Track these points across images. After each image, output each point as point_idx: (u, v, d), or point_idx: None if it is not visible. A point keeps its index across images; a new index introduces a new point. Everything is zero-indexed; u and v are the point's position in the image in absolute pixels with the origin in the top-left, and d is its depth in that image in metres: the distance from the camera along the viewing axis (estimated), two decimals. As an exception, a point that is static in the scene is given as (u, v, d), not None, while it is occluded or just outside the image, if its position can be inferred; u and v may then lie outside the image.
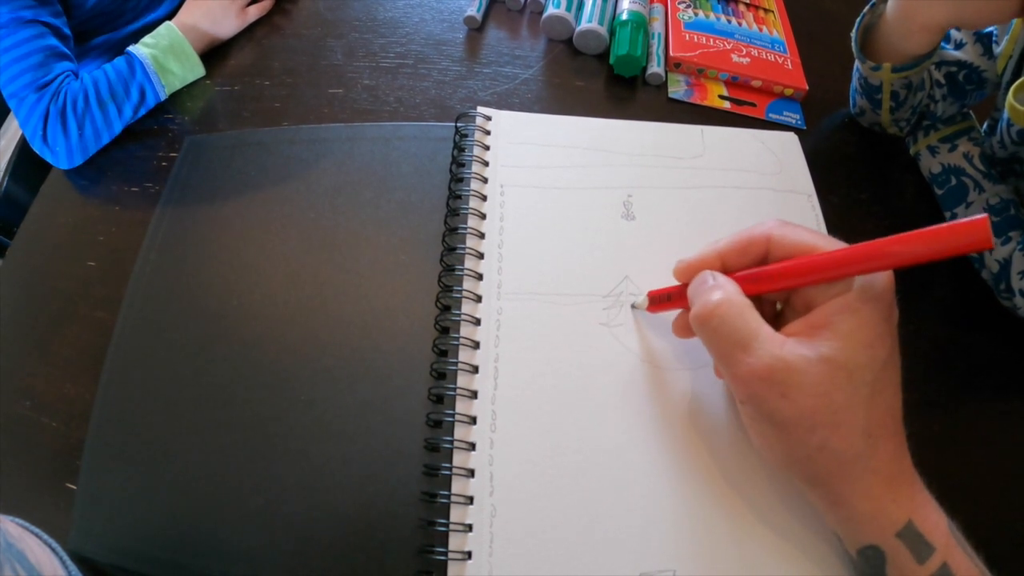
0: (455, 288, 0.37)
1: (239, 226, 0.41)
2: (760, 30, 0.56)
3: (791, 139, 0.46)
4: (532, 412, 0.33)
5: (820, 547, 0.30)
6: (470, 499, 0.31)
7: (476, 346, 0.35)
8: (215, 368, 0.36)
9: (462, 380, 0.34)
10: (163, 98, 0.49)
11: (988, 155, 0.45)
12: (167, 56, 0.49)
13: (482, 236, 0.39)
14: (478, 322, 0.36)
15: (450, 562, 0.29)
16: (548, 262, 0.38)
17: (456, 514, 0.31)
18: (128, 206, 0.44)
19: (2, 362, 0.38)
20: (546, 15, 0.52)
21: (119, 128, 0.47)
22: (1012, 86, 0.37)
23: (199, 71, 0.51)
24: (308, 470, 0.33)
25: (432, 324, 0.36)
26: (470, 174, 0.41)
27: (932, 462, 0.27)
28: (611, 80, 0.52)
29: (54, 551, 0.28)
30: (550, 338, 0.35)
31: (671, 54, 0.52)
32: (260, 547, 0.31)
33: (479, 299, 0.37)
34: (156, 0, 0.62)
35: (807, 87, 0.51)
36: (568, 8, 0.52)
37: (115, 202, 0.44)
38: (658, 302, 0.34)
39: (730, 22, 0.56)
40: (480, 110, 0.45)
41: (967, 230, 0.22)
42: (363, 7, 0.57)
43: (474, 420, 0.33)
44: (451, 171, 0.42)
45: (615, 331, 0.36)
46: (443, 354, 0.35)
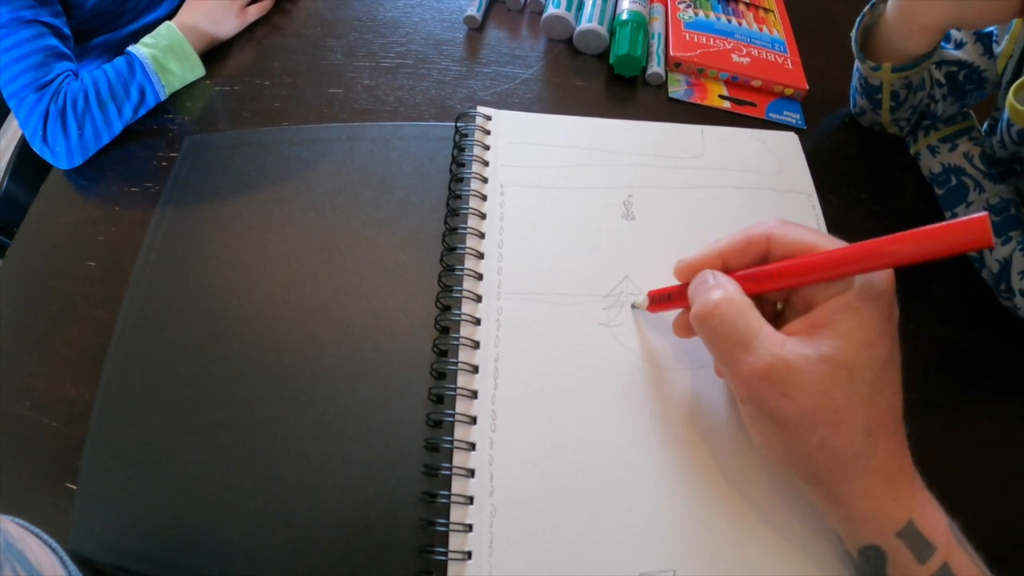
0: (455, 288, 0.37)
1: (239, 226, 0.41)
2: (760, 30, 0.56)
3: (791, 139, 0.46)
4: (532, 412, 0.33)
5: (820, 547, 0.30)
6: (470, 499, 0.31)
7: (476, 346, 0.35)
8: (215, 368, 0.36)
9: (462, 380, 0.34)
10: (163, 98, 0.49)
11: (988, 155, 0.45)
12: (167, 56, 0.49)
13: (482, 236, 0.39)
14: (478, 322, 0.36)
15: (450, 562, 0.29)
16: (548, 262, 0.38)
17: (456, 514, 0.31)
18: (128, 206, 0.44)
19: (2, 362, 0.38)
20: (546, 15, 0.52)
21: (119, 128, 0.47)
22: (1012, 86, 0.37)
23: (199, 71, 0.51)
24: (308, 470, 0.33)
25: (432, 324, 0.36)
26: (470, 174, 0.41)
27: (932, 462, 0.27)
28: (611, 80, 0.52)
29: (54, 551, 0.28)
30: (550, 338, 0.35)
31: (671, 54, 0.52)
32: (260, 547, 0.31)
33: (479, 299, 0.37)
34: (156, 0, 0.62)
35: (807, 87, 0.51)
36: (568, 8, 0.52)
37: (115, 202, 0.44)
38: (658, 302, 0.34)
39: (730, 22, 0.56)
40: (480, 110, 0.45)
41: (967, 229, 0.22)
42: (363, 7, 0.57)
43: (474, 420, 0.33)
44: (451, 171, 0.42)
45: (615, 331, 0.36)
46: (443, 354, 0.35)
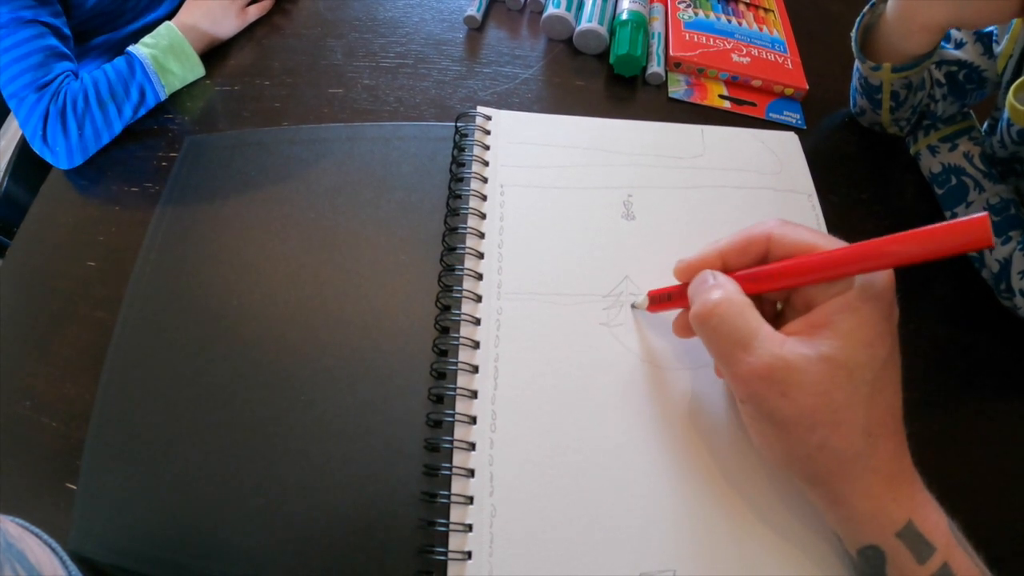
0: (455, 288, 0.37)
1: (239, 226, 0.41)
2: (760, 30, 0.56)
3: (791, 139, 0.46)
4: (532, 412, 0.33)
5: (820, 547, 0.30)
6: (470, 499, 0.31)
7: (476, 346, 0.35)
8: (215, 368, 0.36)
9: (462, 380, 0.34)
10: (163, 98, 0.49)
11: (988, 155, 0.45)
12: (167, 56, 0.49)
13: (482, 236, 0.39)
14: (478, 322, 0.36)
15: (450, 562, 0.29)
16: (548, 262, 0.38)
17: (456, 514, 0.31)
18: (128, 206, 0.44)
19: (2, 362, 0.38)
20: (546, 15, 0.52)
21: (119, 128, 0.47)
22: (1012, 85, 0.37)
23: (199, 71, 0.51)
24: (308, 470, 0.33)
25: (432, 324, 0.36)
26: (470, 174, 0.41)
27: (932, 462, 0.27)
28: (611, 80, 0.52)
29: (54, 551, 0.28)
30: (550, 338, 0.35)
31: (671, 54, 0.52)
32: (260, 547, 0.31)
33: (479, 299, 0.37)
34: (156, 0, 0.62)
35: (807, 87, 0.51)
36: (568, 8, 0.52)
37: (115, 202, 0.44)
38: (658, 302, 0.34)
39: (730, 22, 0.56)
40: (480, 110, 0.45)
41: (967, 229, 0.22)
42: (363, 7, 0.57)
43: (474, 420, 0.33)
44: (451, 171, 0.42)
45: (615, 331, 0.36)
46: (443, 354, 0.35)
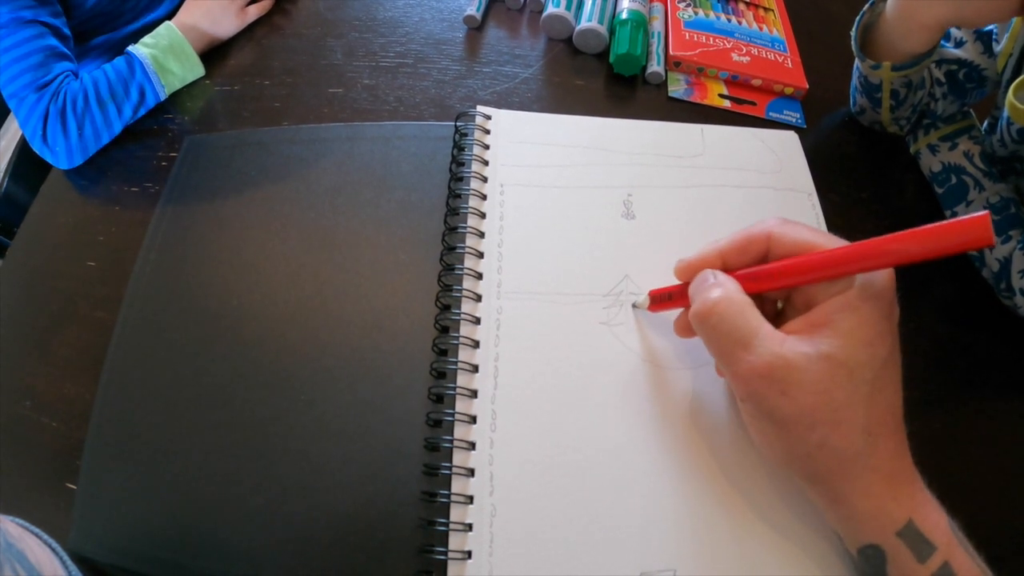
0: (455, 287, 0.37)
1: (239, 226, 0.41)
2: (760, 29, 0.56)
3: (791, 138, 0.46)
4: (532, 411, 0.33)
5: (821, 546, 0.30)
6: (470, 498, 0.31)
7: (476, 345, 0.35)
8: (215, 368, 0.36)
9: (462, 379, 0.34)
10: (163, 98, 0.49)
11: (988, 153, 0.45)
12: (167, 56, 0.49)
13: (482, 235, 0.39)
14: (478, 321, 0.36)
15: (450, 562, 0.29)
16: (548, 261, 0.38)
17: (456, 514, 0.31)
18: (128, 206, 0.44)
19: (2, 362, 0.38)
20: (546, 14, 0.52)
21: (119, 128, 0.47)
22: (1012, 84, 0.37)
23: (199, 71, 0.51)
24: (308, 470, 0.33)
25: (432, 323, 0.36)
26: (470, 173, 0.41)
27: (932, 461, 0.27)
28: (611, 79, 0.52)
29: (54, 551, 0.28)
30: (550, 337, 0.35)
31: (671, 53, 0.52)
32: (260, 547, 0.31)
33: (479, 298, 0.37)
34: (156, 0, 0.62)
35: (807, 86, 0.51)
36: (568, 7, 0.52)
37: (115, 202, 0.44)
38: (659, 301, 0.34)
39: (730, 21, 0.56)
40: (480, 109, 0.45)
41: (968, 227, 0.22)
42: (363, 7, 0.57)
43: (474, 419, 0.33)
44: (451, 170, 0.42)
45: (615, 330, 0.36)
46: (443, 353, 0.35)
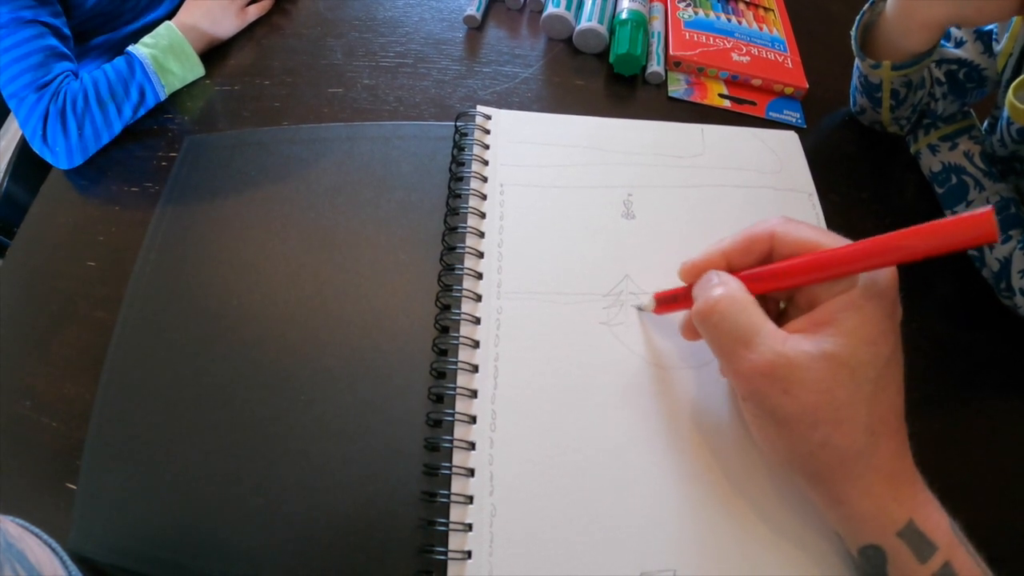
0: (455, 287, 0.37)
1: (239, 226, 0.41)
2: (760, 29, 0.56)
3: (791, 138, 0.46)
4: (532, 411, 0.33)
5: (821, 546, 0.30)
6: (470, 498, 0.31)
7: (476, 345, 0.35)
8: (215, 368, 0.36)
9: (462, 379, 0.34)
10: (163, 98, 0.49)
11: (988, 153, 0.45)
12: (167, 56, 0.49)
13: (482, 235, 0.39)
14: (478, 321, 0.36)
15: (450, 562, 0.29)
16: (548, 261, 0.38)
17: (456, 514, 0.31)
18: (128, 206, 0.44)
19: (2, 362, 0.38)
20: (546, 14, 0.52)
21: (119, 128, 0.47)
22: (1012, 84, 0.37)
23: (199, 71, 0.51)
24: (308, 470, 0.33)
25: (432, 323, 0.36)
26: (470, 173, 0.41)
27: (932, 461, 0.27)
28: (611, 79, 0.52)
29: (54, 551, 0.28)
30: (550, 337, 0.35)
31: (671, 53, 0.52)
32: (260, 547, 0.31)
33: (479, 298, 0.37)
34: (156, 0, 0.62)
35: (807, 86, 0.51)
36: (568, 7, 0.52)
37: (115, 202, 0.44)
38: (664, 303, 0.34)
39: (730, 21, 0.56)
40: (480, 109, 0.45)
41: (973, 223, 0.22)
42: (363, 6, 0.57)
43: (474, 419, 0.33)
44: (451, 170, 0.42)
45: (615, 330, 0.36)
46: (443, 353, 0.35)
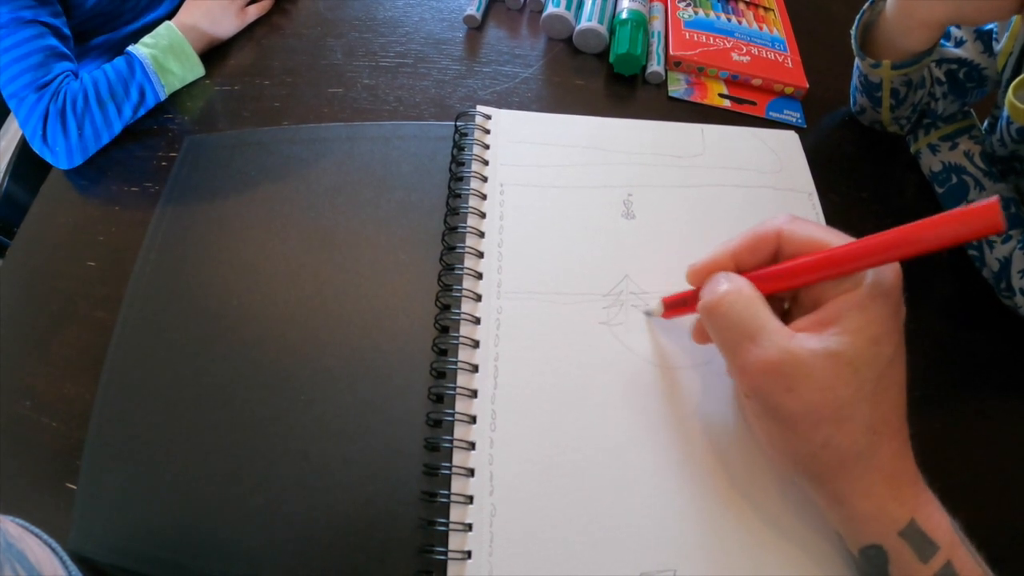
0: (455, 287, 0.37)
1: (239, 226, 0.41)
2: (760, 28, 0.56)
3: (791, 137, 0.46)
4: (532, 411, 0.33)
5: (822, 546, 0.30)
6: (470, 498, 0.31)
7: (476, 345, 0.35)
8: (215, 368, 0.36)
9: (462, 379, 0.34)
10: (163, 98, 0.49)
11: (988, 153, 0.45)
12: (167, 56, 0.49)
13: (482, 235, 0.39)
14: (478, 321, 0.36)
15: (450, 562, 0.29)
16: (548, 261, 0.38)
17: (456, 513, 0.31)
18: (128, 206, 0.44)
19: (2, 362, 0.38)
20: (546, 14, 0.52)
21: (119, 128, 0.47)
22: (1012, 83, 0.37)
23: (199, 71, 0.51)
24: (308, 470, 0.33)
25: (432, 323, 0.36)
26: (470, 173, 0.41)
27: (932, 461, 0.27)
28: (611, 79, 0.52)
29: (54, 551, 0.28)
30: (550, 337, 0.35)
31: (671, 53, 0.52)
32: (260, 547, 0.31)
33: (479, 298, 0.37)
34: (156, 0, 0.62)
35: (807, 85, 0.51)
36: (568, 7, 0.52)
37: (115, 202, 0.44)
38: (673, 307, 0.34)
39: (730, 20, 0.56)
40: (480, 109, 0.45)
41: (979, 214, 0.22)
42: (363, 6, 0.57)
43: (474, 419, 0.33)
44: (451, 170, 0.42)
45: (615, 330, 0.36)
46: (443, 353, 0.35)
